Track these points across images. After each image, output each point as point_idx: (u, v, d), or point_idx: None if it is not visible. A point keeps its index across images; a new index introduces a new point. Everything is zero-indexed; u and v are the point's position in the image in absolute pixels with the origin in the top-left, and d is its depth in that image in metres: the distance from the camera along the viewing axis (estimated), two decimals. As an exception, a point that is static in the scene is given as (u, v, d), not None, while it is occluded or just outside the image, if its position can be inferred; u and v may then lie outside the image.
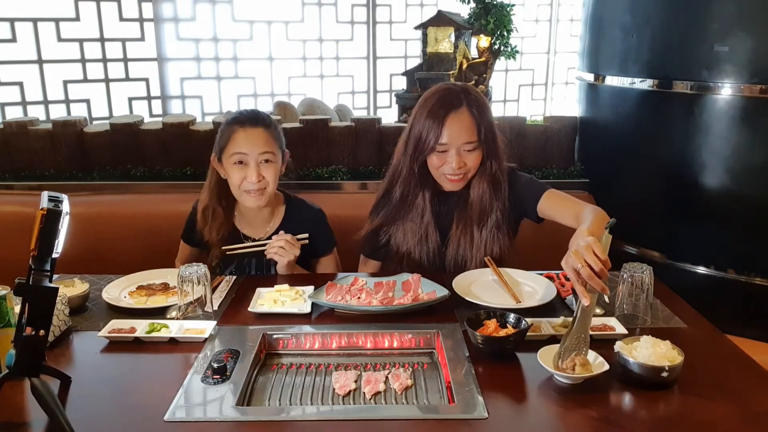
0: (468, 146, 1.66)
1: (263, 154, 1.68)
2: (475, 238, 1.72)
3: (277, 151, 1.72)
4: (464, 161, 1.67)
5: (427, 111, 1.66)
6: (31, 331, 1.03)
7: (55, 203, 1.07)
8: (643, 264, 1.43)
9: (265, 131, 1.71)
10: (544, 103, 5.55)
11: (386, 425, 1.07)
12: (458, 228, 1.74)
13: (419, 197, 1.75)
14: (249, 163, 1.68)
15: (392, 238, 1.79)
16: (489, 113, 1.71)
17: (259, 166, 1.69)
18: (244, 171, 1.68)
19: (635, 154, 2.36)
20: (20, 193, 2.40)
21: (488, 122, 1.69)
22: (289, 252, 1.67)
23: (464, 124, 1.65)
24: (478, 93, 1.73)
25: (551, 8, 5.30)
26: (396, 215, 1.78)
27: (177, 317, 1.44)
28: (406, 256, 1.77)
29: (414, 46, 4.82)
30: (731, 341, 1.36)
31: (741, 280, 2.12)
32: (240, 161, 1.68)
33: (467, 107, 1.66)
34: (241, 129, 1.69)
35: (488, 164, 1.71)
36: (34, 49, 3.64)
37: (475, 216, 1.72)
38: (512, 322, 1.31)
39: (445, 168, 1.68)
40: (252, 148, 1.68)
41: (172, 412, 1.08)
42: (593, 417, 1.07)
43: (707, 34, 2.03)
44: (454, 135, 1.64)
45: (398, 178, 1.76)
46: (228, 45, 4.30)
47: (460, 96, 1.67)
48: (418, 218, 1.75)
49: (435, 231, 1.76)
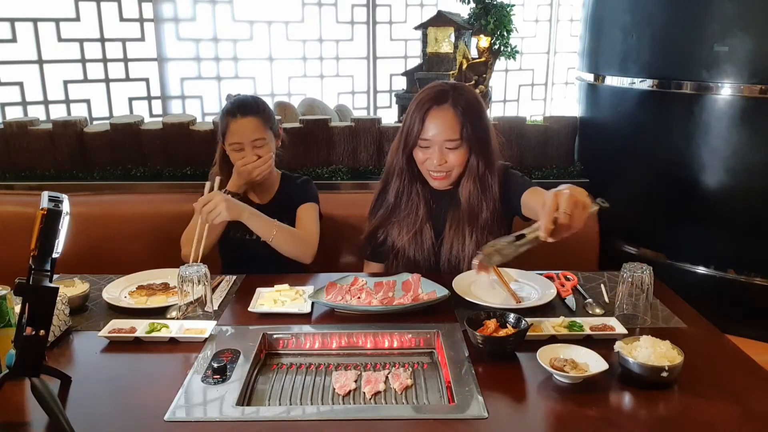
0: (450, 143, 1.65)
1: (256, 141, 1.88)
2: (467, 239, 1.71)
3: (267, 134, 1.91)
4: (446, 159, 1.66)
5: (414, 105, 1.68)
6: (31, 331, 1.03)
7: (55, 203, 1.07)
8: (643, 264, 1.42)
9: (254, 119, 1.89)
10: (544, 103, 5.54)
11: (386, 425, 1.07)
12: (451, 228, 1.74)
13: (413, 193, 1.76)
14: (245, 149, 1.87)
15: (388, 235, 1.80)
16: (478, 113, 1.68)
17: (255, 149, 1.88)
18: (242, 155, 1.88)
19: (635, 154, 2.36)
20: (20, 193, 2.40)
21: (476, 121, 1.66)
22: (218, 207, 1.68)
23: (446, 121, 1.64)
24: (469, 92, 1.71)
25: (551, 8, 5.30)
26: (392, 213, 1.79)
27: (177, 317, 1.44)
28: (401, 252, 1.77)
29: (414, 46, 4.82)
30: (731, 341, 1.36)
31: (741, 280, 2.12)
32: (239, 149, 1.87)
33: (452, 104, 1.65)
34: (233, 120, 1.88)
35: (475, 164, 1.69)
36: (34, 49, 3.64)
37: (465, 216, 1.72)
38: (512, 322, 1.31)
39: (427, 164, 1.68)
40: (245, 137, 1.87)
41: (172, 412, 1.08)
42: (593, 417, 1.07)
43: (707, 34, 2.03)
44: (435, 130, 1.64)
45: (392, 174, 1.78)
46: (228, 45, 4.30)
47: (448, 93, 1.66)
48: (413, 214, 1.76)
49: (430, 229, 1.76)
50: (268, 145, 1.91)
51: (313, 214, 1.97)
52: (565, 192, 1.26)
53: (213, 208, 1.68)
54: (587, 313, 1.49)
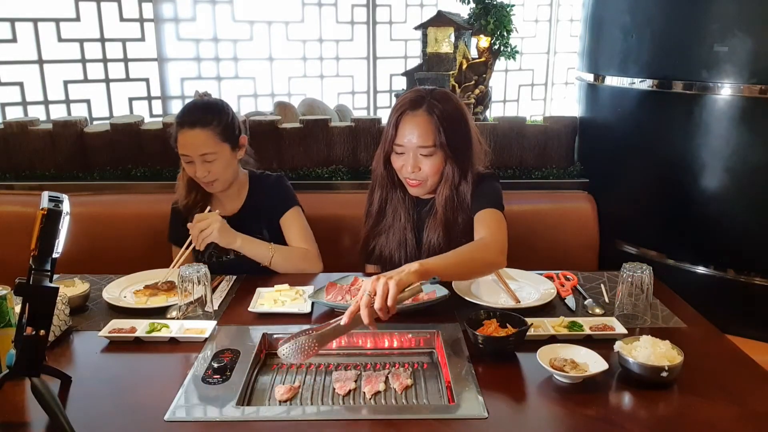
0: (423, 150, 1.61)
1: (204, 155, 1.74)
2: (443, 244, 1.69)
3: (217, 148, 1.76)
4: (419, 165, 1.63)
5: (391, 110, 1.67)
6: (31, 331, 1.03)
7: (55, 203, 1.07)
8: (643, 264, 1.43)
9: (202, 131, 1.74)
10: (544, 103, 5.54)
11: (386, 425, 1.07)
12: (428, 235, 1.73)
13: (396, 201, 1.76)
14: (194, 162, 1.75)
15: (377, 243, 1.80)
16: (457, 121, 1.64)
17: (204, 164, 1.75)
18: (192, 167, 1.77)
19: (635, 154, 2.36)
20: (20, 193, 2.40)
21: (454, 129, 1.62)
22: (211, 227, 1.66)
23: (419, 127, 1.60)
24: (449, 99, 1.65)
25: (551, 8, 5.29)
26: (378, 221, 1.79)
27: (177, 317, 1.44)
28: (388, 260, 1.78)
29: (414, 47, 4.81)
30: (731, 341, 1.36)
31: (741, 280, 2.11)
32: (188, 161, 1.76)
33: (427, 110, 1.61)
34: (181, 131, 1.75)
35: (451, 173, 1.65)
36: (34, 50, 3.64)
37: (441, 224, 1.70)
38: (512, 322, 1.31)
39: (403, 171, 1.66)
40: (192, 150, 1.74)
41: (172, 412, 1.08)
42: (593, 417, 1.07)
43: (707, 34, 2.03)
44: (408, 136, 1.61)
45: (375, 182, 1.78)
46: (228, 45, 4.29)
47: (424, 99, 1.62)
48: (398, 221, 1.76)
49: (413, 236, 1.75)
50: (221, 159, 1.76)
51: (300, 220, 1.88)
52: (382, 276, 1.23)
53: (205, 227, 1.65)
54: (587, 313, 1.49)
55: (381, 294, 1.20)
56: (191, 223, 1.68)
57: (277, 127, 2.53)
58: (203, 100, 1.83)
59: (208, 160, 1.75)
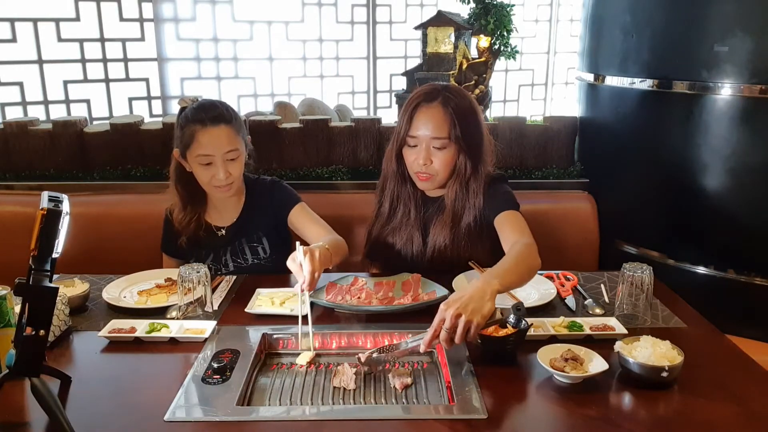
0: (436, 142, 1.63)
1: (229, 153, 1.66)
2: (448, 242, 1.70)
3: (240, 145, 1.70)
4: (431, 158, 1.64)
5: (405, 103, 1.68)
6: (31, 331, 1.03)
7: (55, 203, 1.07)
8: (643, 264, 1.43)
9: (226, 127, 1.66)
10: (544, 103, 5.54)
11: (386, 425, 1.07)
12: (435, 231, 1.73)
13: (405, 196, 1.76)
14: (215, 163, 1.66)
15: (385, 240, 1.81)
16: (470, 115, 1.66)
17: (226, 163, 1.67)
18: (211, 170, 1.67)
19: (635, 154, 2.36)
20: (20, 193, 2.40)
21: (467, 124, 1.64)
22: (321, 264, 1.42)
23: (434, 118, 1.62)
24: (463, 95, 1.69)
25: (551, 8, 5.30)
26: (388, 219, 1.80)
27: (177, 317, 1.44)
28: (395, 258, 1.78)
29: (414, 46, 4.82)
30: (731, 341, 1.36)
31: (741, 280, 2.11)
32: (207, 162, 1.66)
33: (442, 103, 1.63)
34: (203, 129, 1.65)
35: (463, 167, 1.66)
36: (34, 49, 3.64)
37: (449, 219, 1.71)
38: (512, 322, 1.31)
39: (414, 164, 1.67)
40: (217, 149, 1.65)
41: (172, 412, 1.08)
42: (593, 417, 1.07)
43: (707, 34, 2.03)
44: (423, 127, 1.63)
45: (387, 178, 1.78)
46: (228, 45, 4.30)
47: (439, 92, 1.65)
48: (406, 219, 1.77)
49: (419, 233, 1.76)
50: (241, 159, 1.71)
51: (311, 213, 1.84)
52: (455, 306, 1.19)
53: None
54: (587, 313, 1.49)
55: (460, 333, 1.17)
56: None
57: (277, 127, 2.53)
58: (210, 100, 1.77)
59: (232, 158, 1.66)
